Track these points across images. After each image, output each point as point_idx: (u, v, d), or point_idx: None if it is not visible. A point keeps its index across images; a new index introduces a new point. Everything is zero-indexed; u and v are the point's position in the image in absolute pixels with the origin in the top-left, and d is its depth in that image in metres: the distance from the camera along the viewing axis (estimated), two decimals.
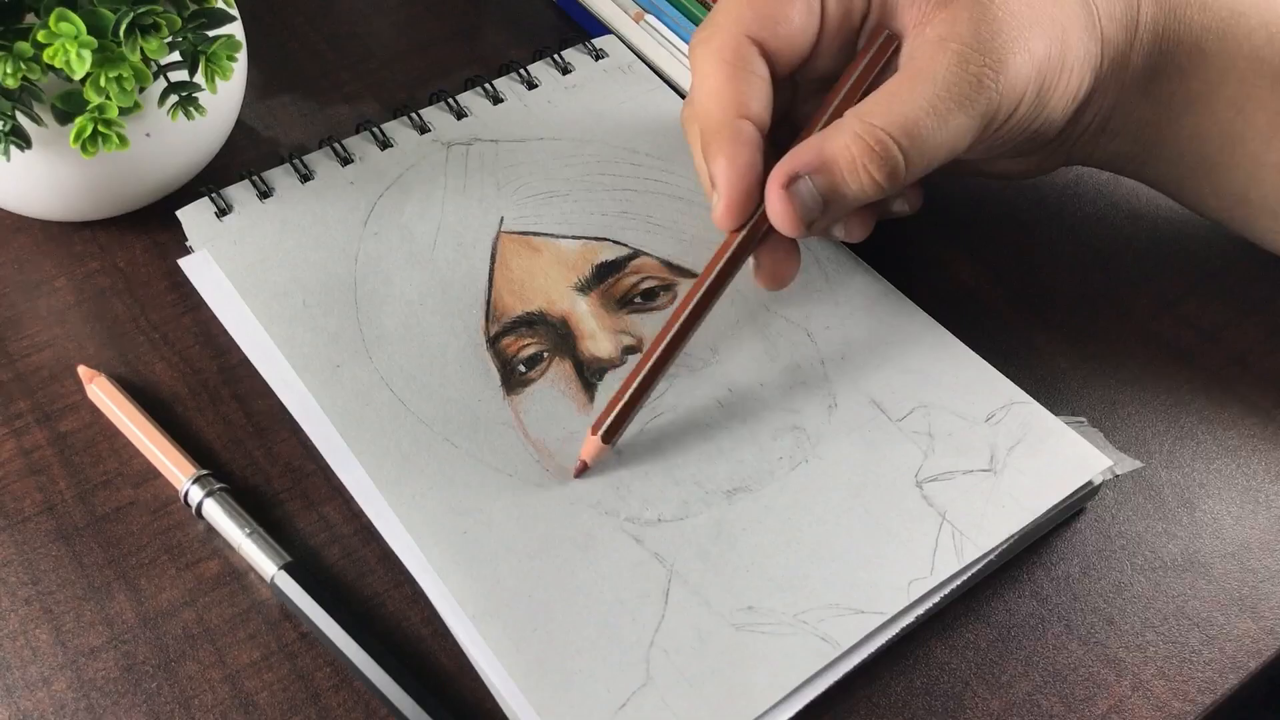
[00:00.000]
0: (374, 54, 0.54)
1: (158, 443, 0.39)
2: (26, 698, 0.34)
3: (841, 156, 0.36)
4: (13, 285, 0.45)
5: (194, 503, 0.38)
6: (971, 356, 0.41)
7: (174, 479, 0.38)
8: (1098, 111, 0.40)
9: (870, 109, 0.36)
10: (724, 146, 0.37)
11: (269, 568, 0.36)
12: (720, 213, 0.38)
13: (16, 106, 0.38)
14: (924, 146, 0.36)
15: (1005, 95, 0.36)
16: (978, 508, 0.37)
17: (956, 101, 0.35)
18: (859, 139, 0.36)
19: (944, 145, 0.36)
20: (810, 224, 0.37)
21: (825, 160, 0.36)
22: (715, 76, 0.37)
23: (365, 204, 0.45)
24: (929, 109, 0.35)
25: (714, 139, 0.37)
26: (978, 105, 0.36)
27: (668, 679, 0.33)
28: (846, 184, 0.36)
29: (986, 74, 0.35)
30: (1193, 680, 0.36)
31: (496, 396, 0.40)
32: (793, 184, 0.36)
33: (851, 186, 0.36)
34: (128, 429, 0.40)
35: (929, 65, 0.36)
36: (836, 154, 0.36)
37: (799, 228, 0.37)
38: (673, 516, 0.37)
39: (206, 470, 0.38)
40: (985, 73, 0.35)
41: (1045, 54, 0.36)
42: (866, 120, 0.36)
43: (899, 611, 0.35)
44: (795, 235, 0.37)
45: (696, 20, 0.54)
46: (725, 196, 0.37)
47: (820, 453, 0.38)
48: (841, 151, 0.36)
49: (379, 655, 0.34)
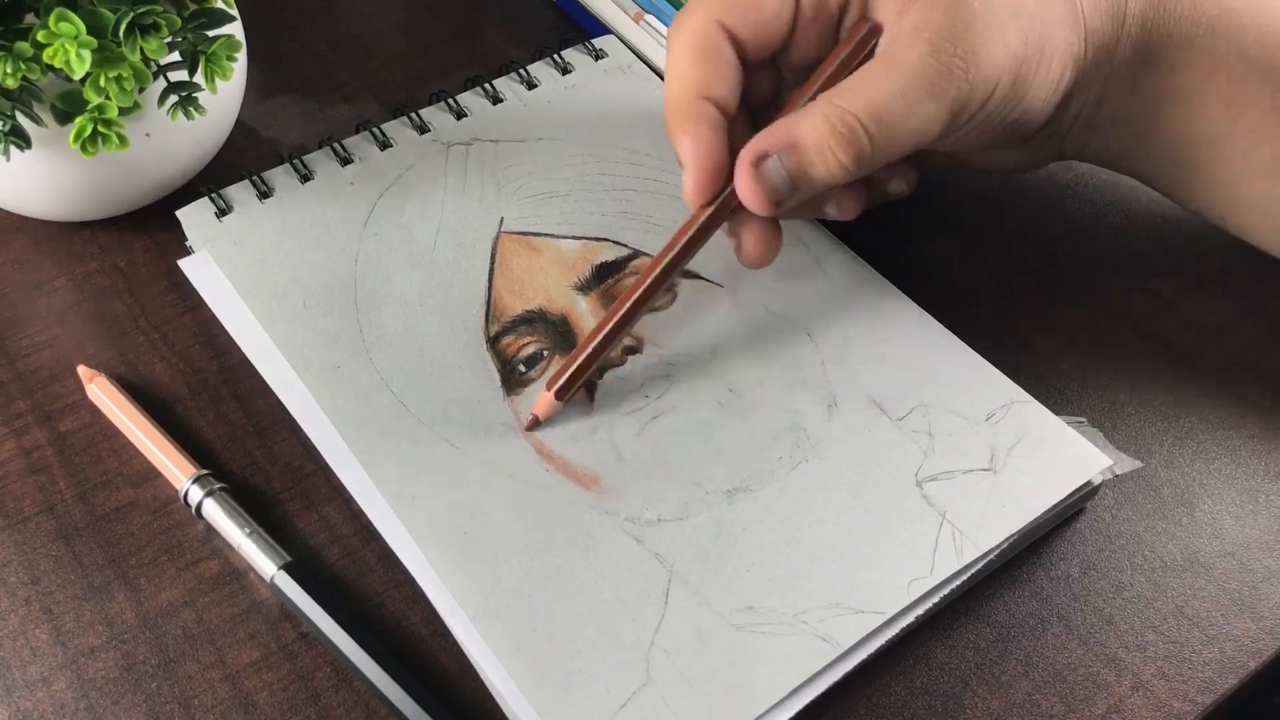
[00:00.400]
0: (374, 54, 0.54)
1: (158, 442, 0.39)
2: (26, 698, 0.35)
3: (809, 138, 0.36)
4: (13, 285, 0.45)
5: (194, 503, 0.38)
6: (971, 355, 0.41)
7: (174, 479, 0.38)
8: (1084, 104, 0.41)
9: (841, 93, 0.37)
10: (686, 126, 0.38)
11: (269, 567, 0.36)
12: (688, 190, 0.38)
13: (16, 106, 0.38)
14: (891, 132, 0.36)
15: (976, 86, 0.36)
16: (978, 507, 0.37)
17: (926, 90, 0.36)
18: (827, 120, 0.36)
19: (912, 132, 0.36)
20: (779, 203, 0.37)
21: (794, 140, 0.37)
22: (679, 60, 0.38)
23: (365, 204, 0.45)
24: (898, 95, 0.36)
25: (676, 119, 0.38)
26: (947, 94, 0.36)
27: (668, 679, 0.33)
28: (814, 165, 0.36)
29: (956, 64, 0.36)
30: (1193, 680, 0.36)
31: (497, 397, 0.40)
32: (761, 163, 0.37)
33: (819, 167, 0.36)
34: (128, 429, 0.40)
35: (901, 54, 0.36)
36: (804, 135, 0.36)
37: (767, 206, 0.37)
38: (673, 516, 0.37)
39: (206, 470, 0.38)
40: (955, 63, 0.36)
41: (1021, 46, 0.37)
42: (836, 104, 0.36)
43: (899, 611, 0.35)
44: (764, 214, 0.38)
45: None
46: (691, 173, 0.38)
47: (820, 452, 0.38)
48: (809, 133, 0.36)
49: (379, 655, 0.34)
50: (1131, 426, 0.42)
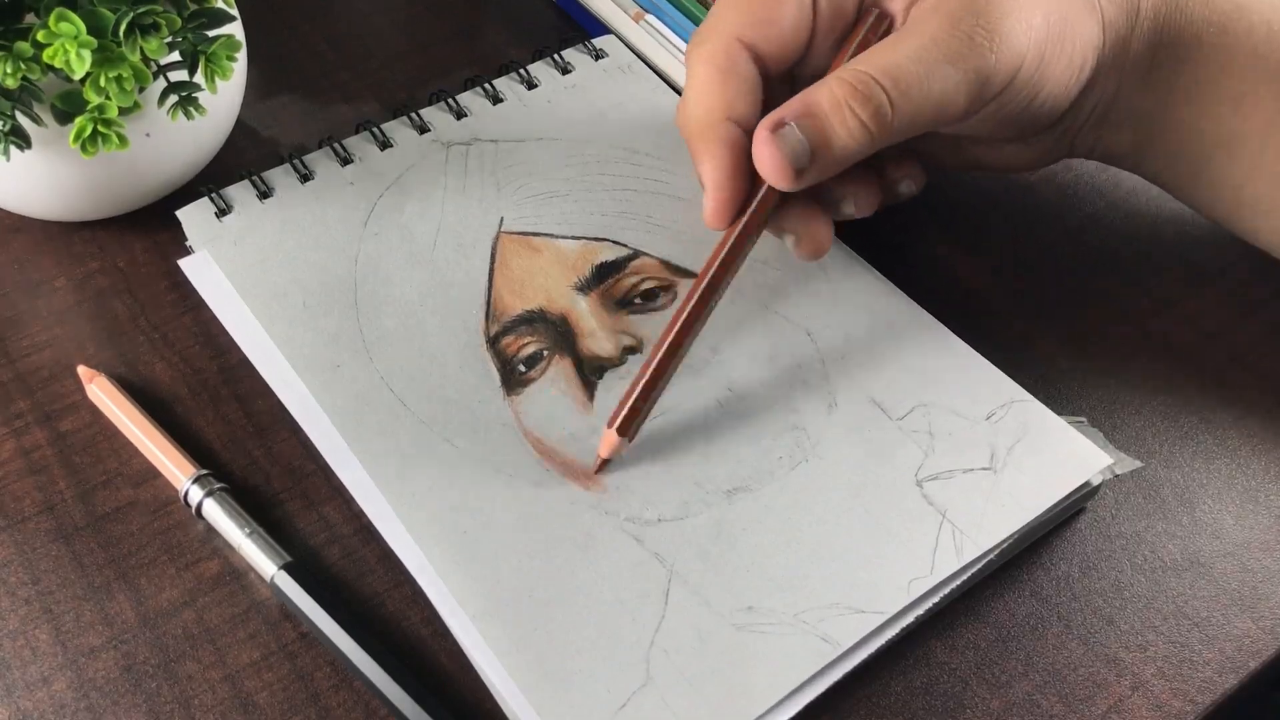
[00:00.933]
0: (374, 54, 0.54)
1: (158, 442, 0.39)
2: (26, 698, 0.35)
3: (826, 99, 0.36)
4: (13, 285, 0.45)
5: (194, 503, 0.38)
6: (972, 355, 0.41)
7: (174, 479, 0.38)
8: (1100, 98, 0.40)
9: (855, 61, 0.37)
10: (708, 148, 0.37)
11: (269, 567, 0.36)
12: (709, 213, 0.38)
13: (16, 106, 0.38)
14: (910, 93, 0.36)
15: (1001, 58, 0.36)
16: (978, 507, 0.37)
17: (945, 55, 0.36)
18: (843, 82, 0.36)
19: (932, 98, 0.36)
20: (800, 172, 0.37)
21: (810, 105, 0.36)
22: (702, 80, 0.38)
23: (365, 204, 0.45)
24: (915, 57, 0.36)
25: (699, 141, 0.38)
26: (969, 61, 0.36)
27: (668, 679, 0.33)
28: (833, 127, 0.36)
29: (979, 32, 0.36)
30: (1193, 680, 0.36)
31: (496, 397, 0.40)
32: (779, 129, 0.36)
33: (838, 130, 0.36)
34: (128, 429, 0.40)
35: (918, 25, 0.36)
36: (821, 98, 0.36)
37: (788, 174, 0.37)
38: (673, 516, 0.37)
39: (206, 470, 0.38)
40: (978, 31, 0.36)
41: (1045, 26, 0.37)
42: (852, 67, 0.36)
43: (899, 611, 0.35)
44: (785, 185, 0.37)
45: (696, 20, 0.54)
46: (712, 196, 0.38)
47: (820, 452, 0.38)
48: (826, 95, 0.36)
49: (379, 655, 0.34)
50: (1131, 426, 0.42)
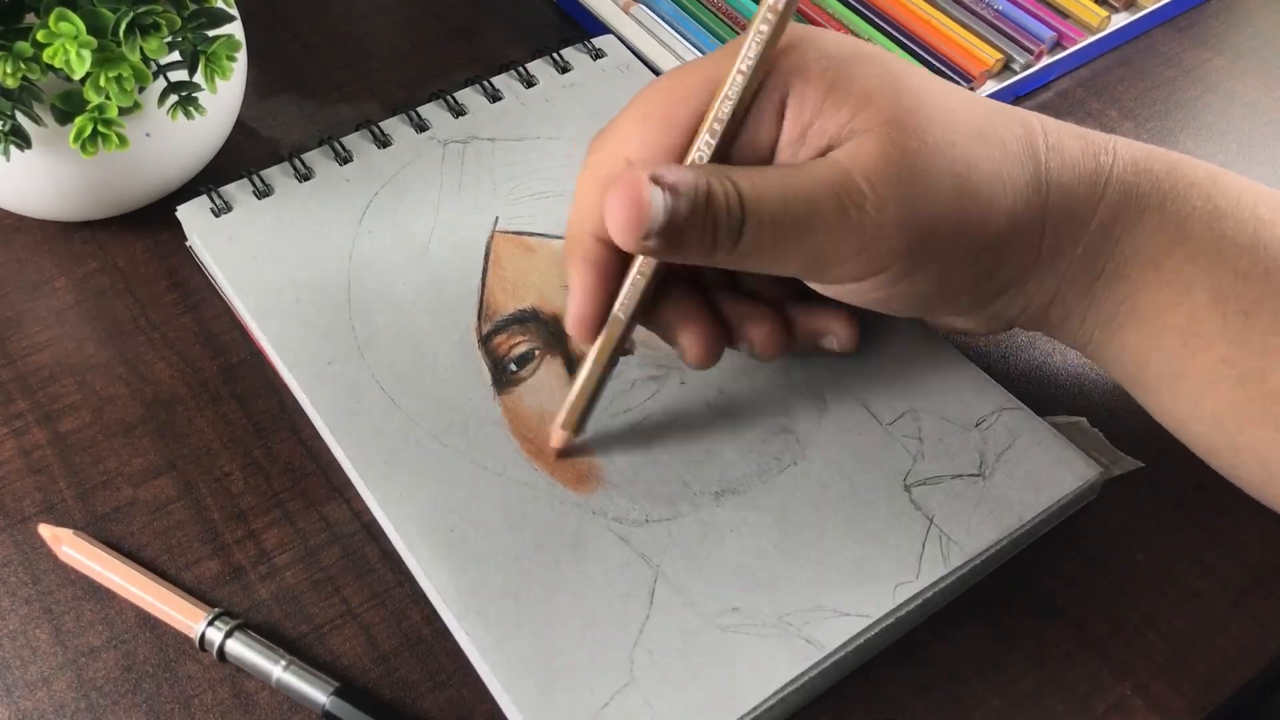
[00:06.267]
0: (374, 54, 0.54)
1: (155, 592, 0.36)
2: (26, 698, 0.35)
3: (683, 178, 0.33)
4: (13, 285, 0.45)
5: (213, 646, 0.35)
6: (963, 362, 0.41)
7: (183, 626, 0.36)
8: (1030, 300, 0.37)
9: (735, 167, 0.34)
10: (575, 264, 0.36)
11: (319, 696, 0.34)
12: (568, 323, 0.37)
13: (16, 106, 0.38)
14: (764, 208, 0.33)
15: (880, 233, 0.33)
16: (965, 512, 0.37)
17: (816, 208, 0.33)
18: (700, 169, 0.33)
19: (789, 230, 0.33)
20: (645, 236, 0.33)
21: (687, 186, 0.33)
22: (581, 194, 0.36)
23: (361, 202, 0.45)
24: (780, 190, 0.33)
25: (569, 251, 0.36)
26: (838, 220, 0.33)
27: (651, 679, 0.33)
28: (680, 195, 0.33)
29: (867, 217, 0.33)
30: (1193, 680, 0.36)
31: (487, 396, 0.40)
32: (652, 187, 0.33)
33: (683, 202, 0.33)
34: (117, 585, 0.37)
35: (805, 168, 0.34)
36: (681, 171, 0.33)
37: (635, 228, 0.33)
38: (660, 517, 0.37)
39: (218, 609, 0.36)
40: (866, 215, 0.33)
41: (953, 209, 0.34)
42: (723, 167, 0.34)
43: (884, 614, 0.35)
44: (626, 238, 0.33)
45: (689, 10, 0.54)
46: (571, 311, 0.36)
47: (809, 455, 0.38)
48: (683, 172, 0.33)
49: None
50: (1131, 426, 0.42)
